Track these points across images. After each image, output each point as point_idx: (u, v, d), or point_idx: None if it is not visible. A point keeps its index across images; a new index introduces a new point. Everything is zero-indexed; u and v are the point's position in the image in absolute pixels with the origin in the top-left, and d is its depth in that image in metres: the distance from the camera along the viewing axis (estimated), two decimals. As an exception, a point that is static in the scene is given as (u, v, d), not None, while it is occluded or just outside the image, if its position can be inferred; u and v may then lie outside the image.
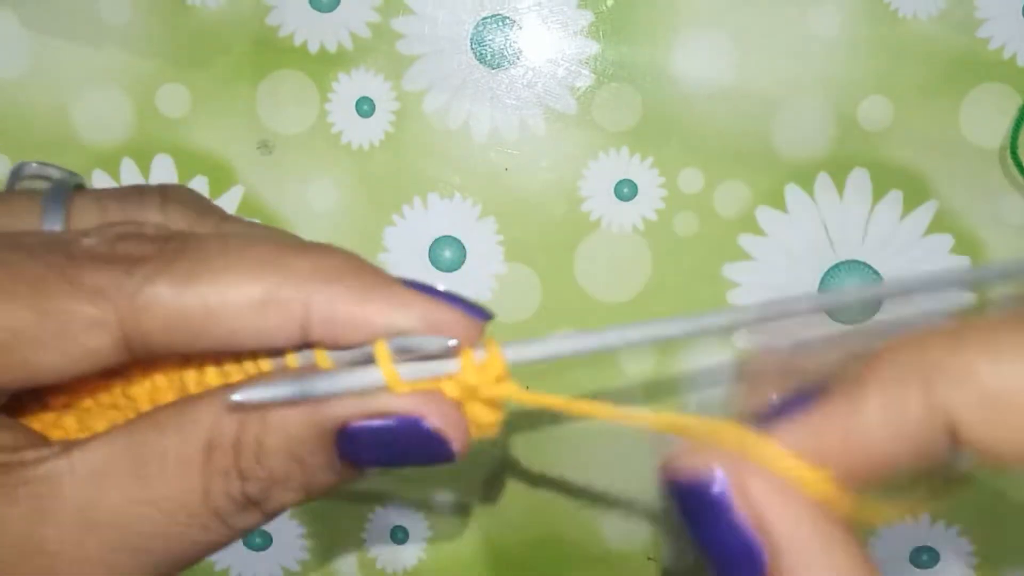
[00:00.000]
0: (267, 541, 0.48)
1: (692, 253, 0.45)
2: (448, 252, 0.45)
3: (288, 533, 0.48)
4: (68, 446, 0.19)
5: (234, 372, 0.20)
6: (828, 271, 0.45)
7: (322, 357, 0.20)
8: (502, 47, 0.44)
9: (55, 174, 0.27)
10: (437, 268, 0.45)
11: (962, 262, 0.45)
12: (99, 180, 0.44)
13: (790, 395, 0.17)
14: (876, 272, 0.45)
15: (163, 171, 0.44)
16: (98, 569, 0.19)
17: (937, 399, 0.15)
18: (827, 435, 0.16)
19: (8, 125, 0.44)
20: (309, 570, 0.49)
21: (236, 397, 0.18)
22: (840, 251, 0.45)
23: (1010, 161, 0.44)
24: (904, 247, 0.45)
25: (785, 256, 0.45)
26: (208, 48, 0.44)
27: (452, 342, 0.19)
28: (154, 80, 0.44)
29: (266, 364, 0.20)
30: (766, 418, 0.17)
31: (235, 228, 0.23)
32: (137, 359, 0.19)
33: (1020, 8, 0.43)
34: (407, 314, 0.19)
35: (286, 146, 0.44)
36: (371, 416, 0.19)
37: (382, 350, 0.19)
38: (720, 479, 0.17)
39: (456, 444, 0.20)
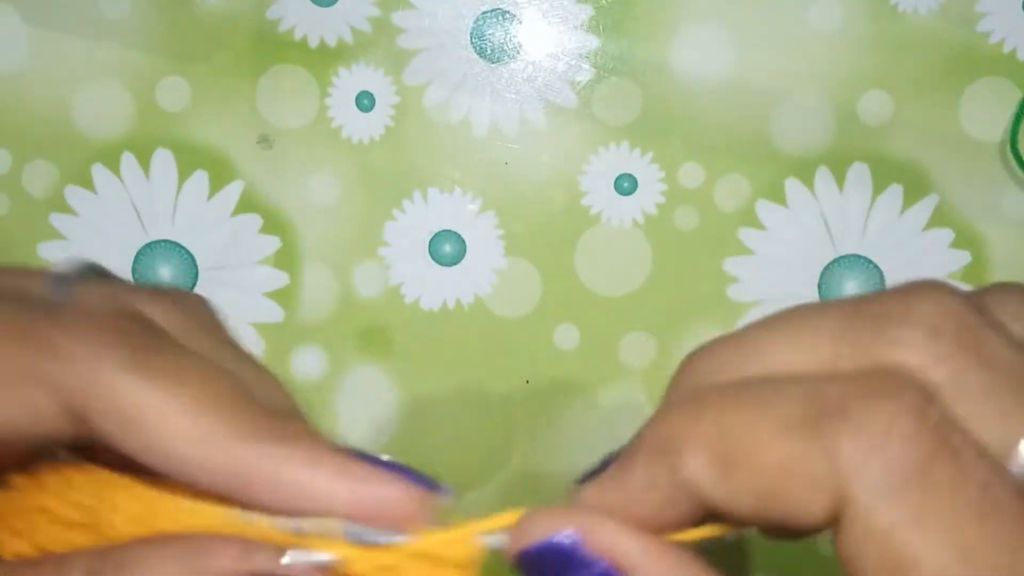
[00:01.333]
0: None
1: (692, 247, 0.45)
2: (448, 246, 0.45)
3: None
4: None
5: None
6: (828, 265, 0.45)
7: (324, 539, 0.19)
8: (502, 41, 0.44)
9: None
10: (437, 263, 0.45)
11: (962, 256, 0.45)
12: (99, 174, 0.44)
13: (602, 460, 0.20)
14: (876, 267, 0.45)
15: (163, 165, 0.44)
16: None
17: (680, 469, 0.17)
18: (610, 498, 0.19)
19: (8, 119, 0.44)
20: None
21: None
22: (840, 245, 0.45)
23: (1010, 155, 0.44)
24: (904, 241, 0.45)
25: (785, 250, 0.45)
26: (208, 42, 0.44)
27: (402, 539, 0.19)
28: (154, 74, 0.44)
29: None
30: (582, 481, 0.20)
31: (223, 354, 0.22)
32: (82, 444, 0.19)
33: (1020, 2, 0.43)
34: (351, 486, 0.19)
35: (286, 140, 0.44)
36: None
37: (331, 535, 0.19)
38: (569, 531, 0.18)
39: None
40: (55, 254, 0.45)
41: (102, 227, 0.45)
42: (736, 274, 0.45)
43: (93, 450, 0.20)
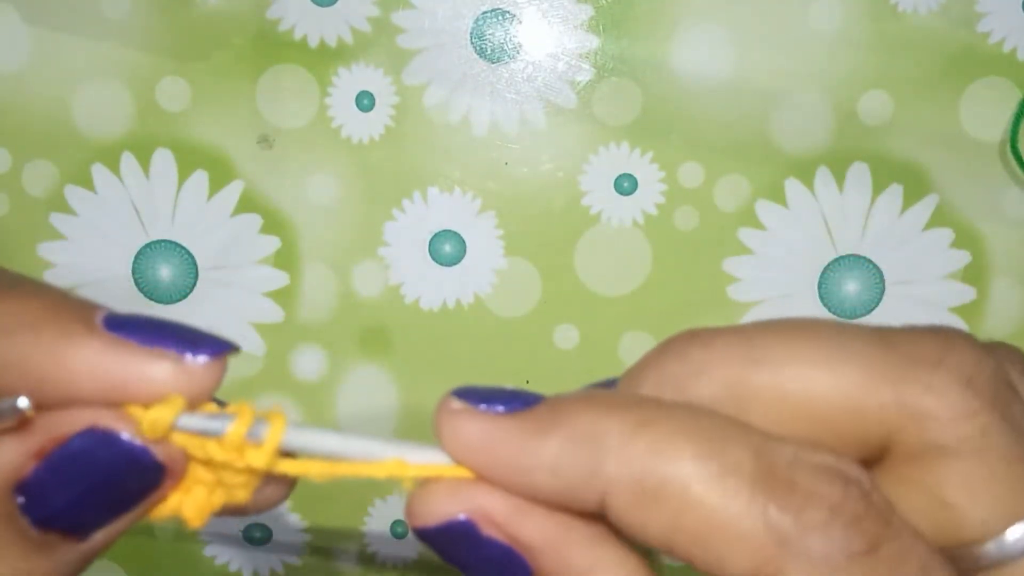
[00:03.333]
0: (267, 535, 0.48)
1: (692, 247, 0.45)
2: (448, 246, 0.45)
3: (288, 527, 0.48)
4: None
5: None
6: (828, 265, 0.45)
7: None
8: (502, 41, 0.44)
9: None
10: (437, 263, 0.45)
11: (962, 256, 0.45)
12: (99, 174, 0.44)
13: (512, 392, 0.18)
14: (876, 267, 0.45)
15: (163, 165, 0.44)
16: None
17: (599, 474, 0.16)
18: (505, 443, 0.17)
19: (8, 119, 0.44)
20: (309, 564, 0.49)
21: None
22: (840, 245, 0.45)
23: (1010, 155, 0.44)
24: (904, 241, 0.45)
25: (785, 250, 0.45)
26: (208, 42, 0.44)
27: (23, 403, 0.17)
28: (154, 74, 0.44)
29: None
30: (481, 397, 0.18)
31: None
32: None
33: (1020, 2, 0.43)
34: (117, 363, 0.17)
35: (286, 140, 0.44)
36: (48, 447, 0.17)
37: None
38: (462, 514, 0.18)
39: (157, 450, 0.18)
40: (55, 254, 0.45)
41: (102, 227, 0.45)
42: (736, 274, 0.45)
43: None
